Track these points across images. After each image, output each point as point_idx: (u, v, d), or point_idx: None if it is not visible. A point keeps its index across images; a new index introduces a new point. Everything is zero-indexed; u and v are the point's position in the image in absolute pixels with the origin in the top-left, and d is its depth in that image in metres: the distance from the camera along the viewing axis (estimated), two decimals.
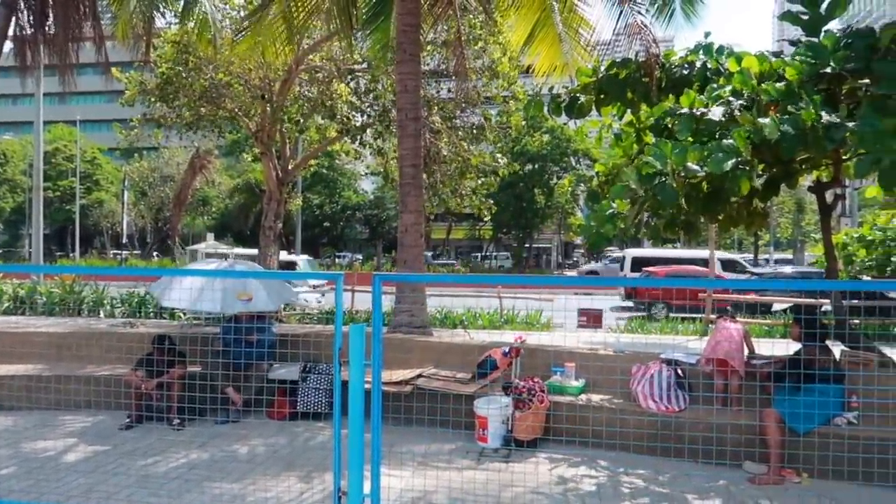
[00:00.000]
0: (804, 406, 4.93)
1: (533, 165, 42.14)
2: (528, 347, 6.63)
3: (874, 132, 5.08)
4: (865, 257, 14.00)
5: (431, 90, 16.70)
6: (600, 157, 8.68)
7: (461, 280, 17.81)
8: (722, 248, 55.69)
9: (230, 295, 6.84)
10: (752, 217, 7.59)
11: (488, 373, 6.22)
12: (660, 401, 5.64)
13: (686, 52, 7.59)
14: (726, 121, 5.79)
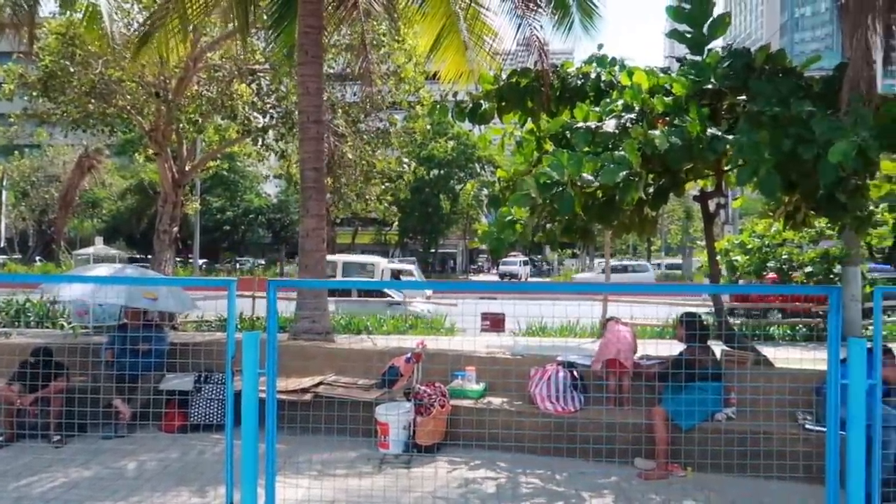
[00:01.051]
0: (687, 403, 5.21)
1: (439, 171, 42.48)
2: (429, 352, 6.66)
3: (751, 144, 5.45)
4: (745, 262, 15.01)
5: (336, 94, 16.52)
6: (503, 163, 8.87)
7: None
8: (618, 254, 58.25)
9: (136, 291, 6.52)
10: (643, 224, 7.96)
11: (395, 380, 6.19)
12: (556, 402, 5.81)
13: (582, 63, 7.88)
14: (619, 133, 6.06)
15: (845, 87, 5.50)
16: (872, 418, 4.28)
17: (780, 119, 5.55)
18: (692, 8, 6.85)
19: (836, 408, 3.26)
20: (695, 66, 6.50)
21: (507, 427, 5.73)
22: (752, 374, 5.71)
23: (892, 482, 4.58)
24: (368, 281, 18.20)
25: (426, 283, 26.31)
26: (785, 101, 5.74)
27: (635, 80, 6.48)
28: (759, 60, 6.36)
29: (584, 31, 9.04)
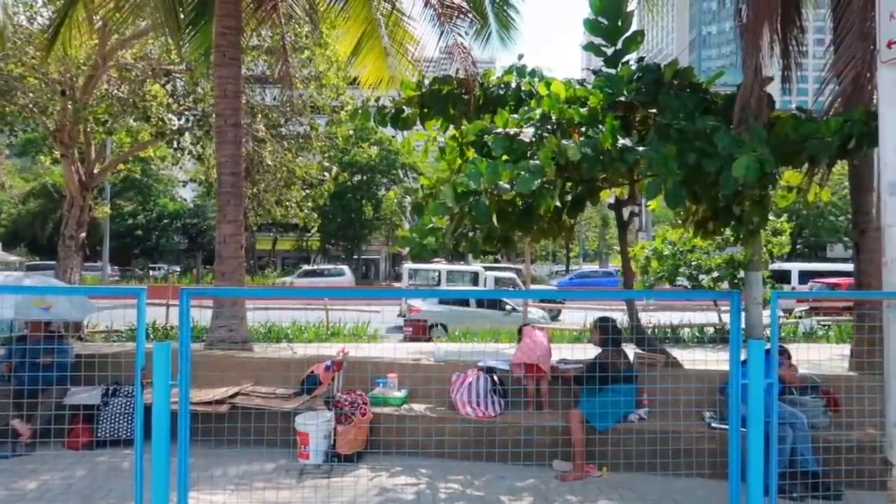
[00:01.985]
0: (603, 406, 5.38)
1: (362, 176, 42.22)
2: (350, 360, 6.59)
3: (660, 158, 5.69)
4: (658, 268, 15.62)
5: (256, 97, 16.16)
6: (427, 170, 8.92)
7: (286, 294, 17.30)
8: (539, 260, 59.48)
9: (25, 301, 6.13)
10: (561, 231, 8.16)
11: (314, 388, 6.09)
12: (477, 407, 5.87)
13: (503, 72, 8.03)
14: (536, 141, 6.19)
15: (738, 105, 5.84)
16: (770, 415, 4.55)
17: (686, 133, 5.81)
18: (609, 23, 7.10)
19: (737, 406, 3.45)
20: (609, 78, 6.73)
21: (428, 434, 5.74)
22: (663, 376, 5.95)
23: (788, 475, 4.89)
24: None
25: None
26: (691, 116, 6.03)
27: (553, 91, 6.65)
28: (667, 76, 6.65)
29: (501, 42, 9.24)
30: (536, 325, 6.53)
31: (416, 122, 8.23)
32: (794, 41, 7.96)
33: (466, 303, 16.60)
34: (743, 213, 7.02)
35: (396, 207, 42.60)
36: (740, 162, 5.40)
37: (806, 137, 5.89)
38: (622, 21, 7.08)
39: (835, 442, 5.05)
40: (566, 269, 49.03)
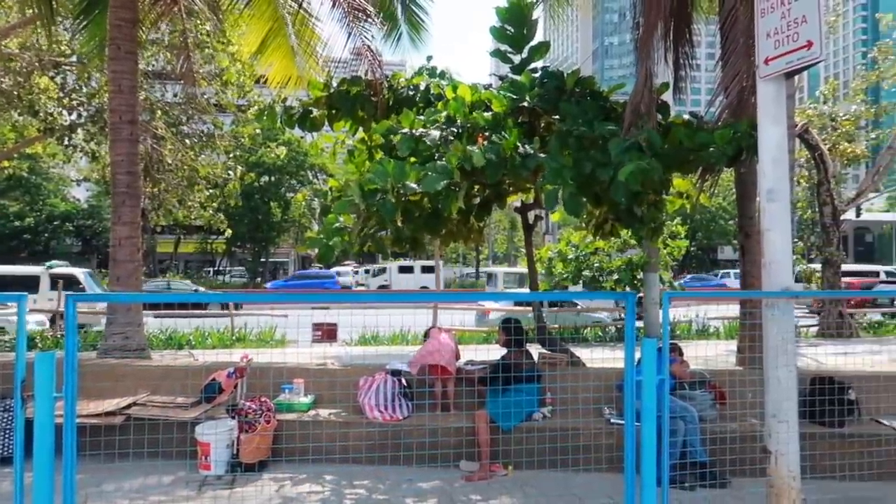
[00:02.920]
0: (508, 405, 5.49)
1: (270, 177, 41.19)
2: (255, 366, 6.41)
3: (556, 169, 5.85)
4: (563, 270, 16.11)
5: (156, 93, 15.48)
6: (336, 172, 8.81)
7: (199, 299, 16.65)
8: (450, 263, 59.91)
9: None
10: (469, 233, 8.27)
11: (215, 396, 5.89)
12: (384, 410, 5.85)
13: (412, 74, 8.05)
14: (442, 143, 6.24)
15: (629, 108, 6.11)
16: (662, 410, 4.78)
17: (584, 140, 6.02)
18: (514, 31, 7.26)
19: (632, 402, 3.60)
20: (514, 84, 6.87)
21: (334, 439, 5.67)
22: (565, 375, 6.13)
23: (680, 466, 5.15)
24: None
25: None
26: (590, 123, 6.24)
27: (459, 94, 6.72)
28: (569, 83, 6.86)
29: (412, 43, 9.26)
30: (442, 328, 6.55)
31: (324, 123, 8.12)
32: (686, 54, 8.41)
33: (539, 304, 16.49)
34: (643, 214, 7.35)
35: (305, 209, 41.85)
36: (626, 169, 5.65)
37: (700, 146, 6.22)
38: (527, 29, 7.26)
39: (721, 433, 5.36)
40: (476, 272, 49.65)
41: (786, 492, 3.62)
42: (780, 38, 3.62)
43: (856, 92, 18.84)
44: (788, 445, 3.62)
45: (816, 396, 5.48)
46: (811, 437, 5.24)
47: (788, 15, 3.56)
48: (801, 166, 18.90)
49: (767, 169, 3.71)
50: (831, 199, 15.59)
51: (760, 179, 3.76)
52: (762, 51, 3.75)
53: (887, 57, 17.91)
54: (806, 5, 3.46)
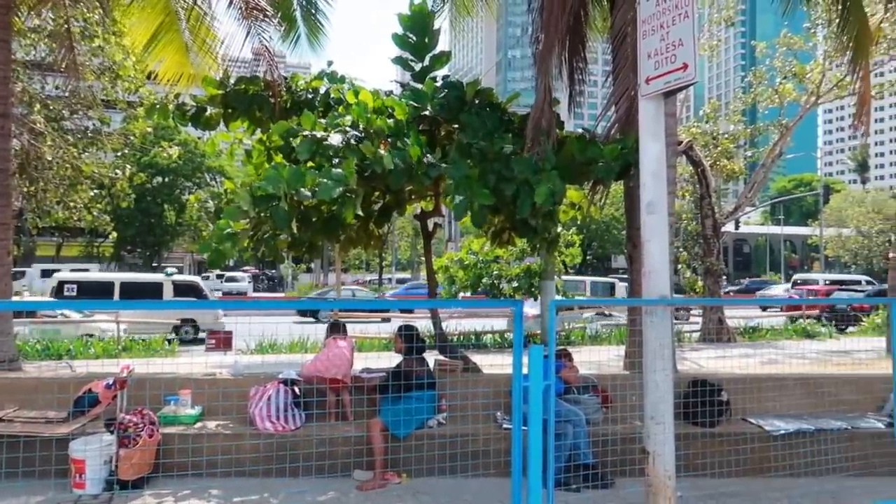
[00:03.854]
0: (404, 413, 5.48)
1: (163, 179, 39.40)
2: (138, 377, 6.08)
3: (465, 178, 5.93)
4: (463, 277, 16.33)
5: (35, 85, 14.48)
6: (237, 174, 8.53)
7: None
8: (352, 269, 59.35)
9: None
10: (369, 239, 8.21)
11: (87, 409, 5.53)
12: (276, 421, 5.69)
13: (311, 77, 7.92)
14: (344, 147, 6.16)
15: (529, 126, 6.29)
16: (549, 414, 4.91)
17: (486, 153, 6.13)
18: (416, 39, 7.29)
19: (519, 407, 3.68)
20: (415, 92, 6.90)
21: (223, 452, 5.47)
22: (462, 381, 6.19)
23: (569, 468, 5.31)
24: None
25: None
26: (490, 135, 6.36)
27: (361, 99, 6.68)
28: (469, 94, 6.97)
29: (310, 46, 9.13)
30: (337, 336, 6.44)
31: (219, 122, 7.85)
32: (580, 70, 8.75)
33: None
34: (538, 224, 7.56)
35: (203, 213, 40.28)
36: (541, 190, 5.82)
37: (591, 160, 6.47)
38: (429, 38, 7.31)
39: (606, 436, 5.57)
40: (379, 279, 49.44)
41: (662, 490, 3.80)
42: (659, 60, 3.83)
43: (734, 113, 20.26)
44: (665, 446, 3.81)
45: (692, 398, 5.81)
46: (687, 437, 5.55)
47: (667, 38, 3.77)
48: (686, 181, 20.09)
49: (647, 183, 3.91)
50: (712, 213, 16.63)
51: (641, 193, 3.95)
52: (643, 70, 3.96)
53: (761, 82, 19.36)
54: (682, 30, 3.68)
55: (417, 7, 7.15)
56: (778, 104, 19.01)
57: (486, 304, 15.63)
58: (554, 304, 3.95)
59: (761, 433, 5.74)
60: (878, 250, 49.93)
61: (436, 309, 8.17)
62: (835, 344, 15.38)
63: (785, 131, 18.75)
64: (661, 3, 3.80)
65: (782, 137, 18.76)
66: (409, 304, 13.29)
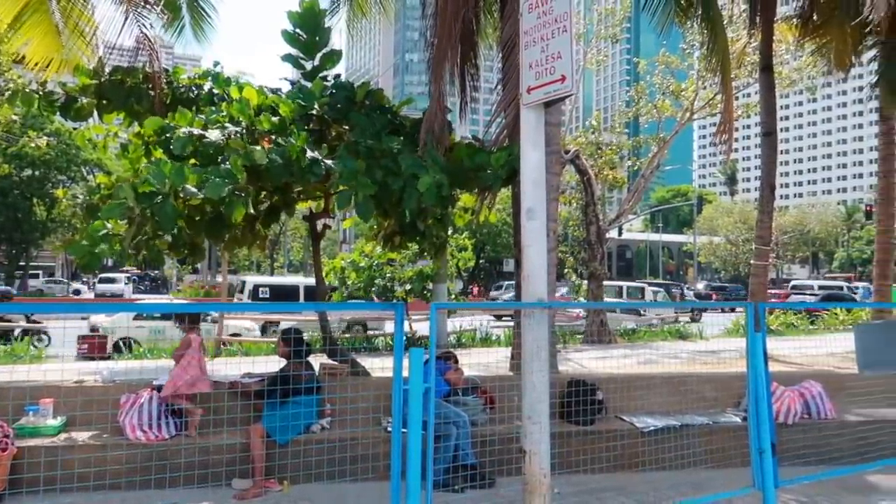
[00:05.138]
0: (285, 418, 5.35)
1: (33, 171, 36.51)
2: None
3: (350, 172, 5.88)
4: (356, 280, 16.20)
5: None
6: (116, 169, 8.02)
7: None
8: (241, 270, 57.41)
9: None
10: (256, 240, 7.97)
11: None
12: (148, 430, 5.39)
13: (194, 74, 7.59)
14: (224, 145, 5.95)
15: (423, 127, 6.35)
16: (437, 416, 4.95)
17: (374, 151, 6.11)
18: (307, 37, 7.16)
19: (399, 410, 3.69)
20: (302, 91, 6.79)
21: (89, 465, 5.13)
22: (346, 385, 6.11)
23: (453, 469, 5.38)
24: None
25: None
26: (378, 135, 6.36)
27: (244, 95, 6.48)
28: (359, 95, 6.93)
29: (195, 37, 8.76)
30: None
31: (91, 113, 7.39)
32: (472, 76, 8.93)
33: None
34: (426, 228, 7.63)
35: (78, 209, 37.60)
36: (424, 180, 5.86)
37: (479, 166, 6.59)
38: (319, 36, 7.21)
39: (489, 436, 5.68)
40: None
41: (538, 488, 3.93)
42: (539, 70, 3.96)
43: (618, 125, 21.35)
44: (541, 445, 3.94)
45: (570, 398, 6.05)
46: (565, 436, 5.78)
47: (547, 49, 3.91)
48: (572, 188, 20.94)
49: (528, 189, 4.03)
50: (596, 219, 17.40)
51: (522, 199, 4.07)
52: (525, 80, 4.08)
53: (642, 97, 20.53)
54: (561, 43, 3.83)
55: (308, 4, 7.04)
56: (657, 118, 20.21)
57: (365, 307, 15.62)
58: (435, 306, 3.99)
59: (633, 430, 6.06)
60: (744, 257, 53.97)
61: (324, 312, 8.03)
62: (704, 344, 16.49)
63: (662, 144, 19.95)
64: (541, 16, 3.94)
65: (660, 150, 19.95)
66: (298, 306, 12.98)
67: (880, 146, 14.83)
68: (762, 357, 4.83)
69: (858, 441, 6.48)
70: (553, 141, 7.64)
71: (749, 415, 4.98)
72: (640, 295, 27.79)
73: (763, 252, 12.69)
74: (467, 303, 16.83)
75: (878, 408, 7.06)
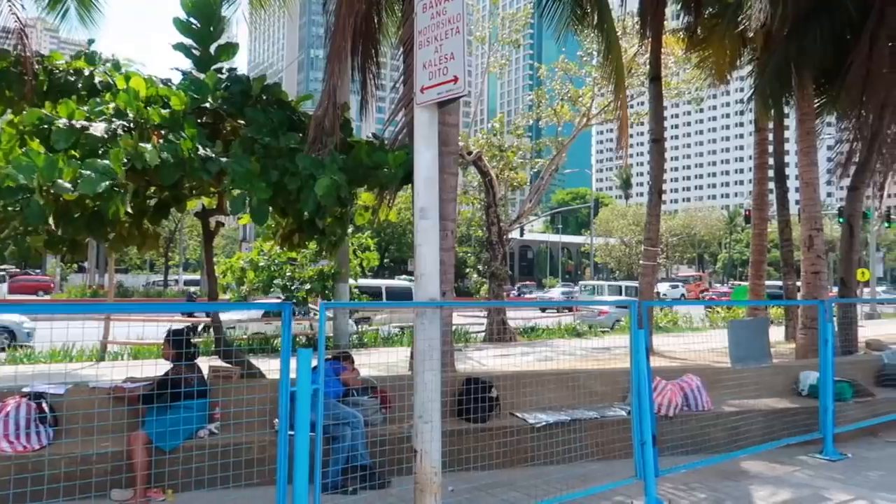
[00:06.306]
0: (170, 424, 5.11)
1: None
2: None
3: (245, 173, 5.69)
4: (255, 279, 15.74)
5: None
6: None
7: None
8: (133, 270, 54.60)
9: None
10: (145, 238, 7.58)
11: None
12: (16, 440, 5.01)
13: (71, 58, 7.13)
14: (109, 138, 5.62)
15: (312, 125, 6.25)
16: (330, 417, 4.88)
17: (271, 149, 5.95)
18: (201, 26, 6.88)
19: (286, 412, 3.61)
20: (194, 82, 6.51)
21: None
22: (238, 388, 5.91)
23: (349, 470, 5.32)
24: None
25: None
26: (275, 132, 6.19)
27: (132, 86, 6.15)
28: (255, 89, 6.73)
29: (81, 21, 8.23)
30: None
31: None
32: (373, 74, 8.87)
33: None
34: (325, 227, 7.51)
35: None
36: (322, 181, 5.76)
37: (378, 165, 6.55)
38: (214, 26, 6.95)
39: (383, 436, 5.67)
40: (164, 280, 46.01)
41: (429, 487, 3.95)
42: (433, 71, 3.99)
43: (519, 127, 21.87)
44: (432, 444, 3.96)
45: (465, 396, 6.13)
46: (459, 433, 5.85)
47: (441, 50, 3.94)
48: (474, 188, 21.26)
49: (421, 189, 4.05)
50: (497, 220, 17.75)
51: (415, 198, 4.08)
52: (419, 80, 4.10)
53: (542, 101, 21.13)
54: (454, 44, 3.87)
55: None
56: (556, 123, 20.85)
57: (252, 307, 15.29)
58: (325, 305, 3.92)
59: (525, 426, 6.22)
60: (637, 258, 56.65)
61: (216, 313, 7.75)
62: (599, 341, 17.17)
63: (561, 148, 20.60)
64: (435, 16, 3.96)
65: (558, 153, 20.61)
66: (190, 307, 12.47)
67: (755, 155, 15.98)
68: (644, 353, 5.07)
69: (731, 430, 6.93)
70: (451, 141, 7.72)
71: (632, 408, 5.22)
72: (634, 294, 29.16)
73: (651, 253, 13.36)
74: (359, 302, 16.67)
75: (748, 398, 7.59)
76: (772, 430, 7.09)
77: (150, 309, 23.52)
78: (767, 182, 15.76)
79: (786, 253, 15.64)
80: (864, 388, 8.27)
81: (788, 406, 7.61)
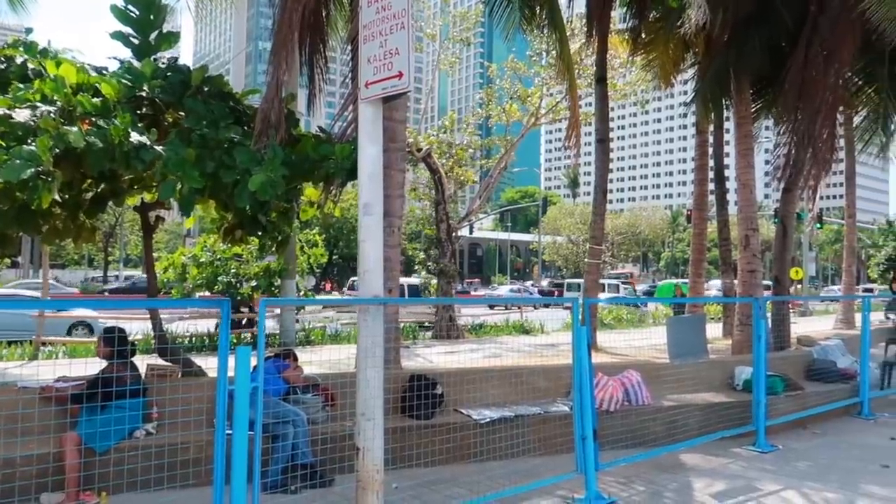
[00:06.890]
0: (104, 424, 4.94)
1: None
2: None
3: (178, 160, 5.54)
4: (197, 275, 15.33)
5: None
6: None
7: None
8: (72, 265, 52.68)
9: None
10: (80, 232, 7.31)
11: None
12: None
13: (6, 45, 6.81)
14: (35, 126, 5.39)
15: (258, 119, 6.14)
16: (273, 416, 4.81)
17: (208, 140, 5.81)
18: (140, 14, 6.67)
19: (223, 411, 3.53)
20: (130, 71, 6.30)
21: None
22: (176, 386, 5.76)
23: (291, 468, 5.24)
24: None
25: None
26: (215, 123, 6.04)
27: (61, 72, 5.90)
28: (195, 79, 6.55)
29: (11, 7, 7.87)
30: None
31: None
32: (321, 68, 8.76)
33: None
34: (269, 223, 7.38)
35: None
36: (255, 178, 5.64)
37: (324, 158, 6.47)
38: (154, 15, 6.74)
39: (326, 434, 5.60)
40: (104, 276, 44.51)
41: (370, 484, 3.92)
42: (378, 66, 3.95)
43: (468, 125, 21.96)
44: (374, 441, 3.93)
45: (411, 393, 6.12)
46: (403, 430, 5.84)
47: (385, 45, 3.91)
48: (423, 185, 21.25)
49: (364, 184, 4.01)
50: (447, 218, 17.77)
51: (360, 194, 4.04)
52: (363, 75, 4.06)
53: (492, 100, 21.26)
54: (399, 39, 3.84)
55: None
56: (505, 122, 21.00)
57: (189, 304, 14.97)
58: (265, 302, 3.86)
59: (470, 422, 6.25)
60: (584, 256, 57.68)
61: (156, 310, 7.52)
62: (545, 338, 17.38)
63: (510, 146, 20.77)
64: (380, 11, 3.93)
65: (507, 152, 20.76)
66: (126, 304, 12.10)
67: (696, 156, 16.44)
68: (586, 349, 5.16)
69: (670, 424, 7.12)
70: (398, 137, 7.69)
71: (574, 403, 5.30)
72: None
73: (596, 251, 13.59)
74: (302, 299, 16.44)
75: (686, 393, 7.81)
76: (708, 423, 7.31)
77: (87, 305, 22.73)
78: (708, 183, 16.23)
79: (724, 252, 16.13)
80: (794, 383, 8.61)
81: (724, 400, 7.86)
